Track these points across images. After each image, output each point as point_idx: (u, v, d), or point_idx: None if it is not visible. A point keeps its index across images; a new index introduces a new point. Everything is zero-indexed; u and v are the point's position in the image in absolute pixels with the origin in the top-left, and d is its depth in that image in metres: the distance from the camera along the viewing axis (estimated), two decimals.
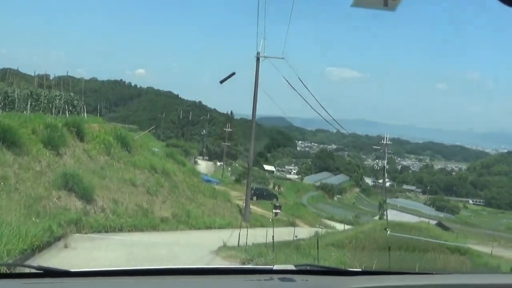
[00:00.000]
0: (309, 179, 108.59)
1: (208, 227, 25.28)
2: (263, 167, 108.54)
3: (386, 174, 58.78)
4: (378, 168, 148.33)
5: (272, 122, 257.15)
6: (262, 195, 51.86)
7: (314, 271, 2.68)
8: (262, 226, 30.69)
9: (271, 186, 74.95)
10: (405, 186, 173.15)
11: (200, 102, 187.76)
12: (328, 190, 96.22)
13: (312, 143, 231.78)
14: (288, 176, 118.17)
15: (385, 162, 55.26)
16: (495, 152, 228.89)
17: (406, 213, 58.67)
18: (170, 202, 25.47)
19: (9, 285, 2.19)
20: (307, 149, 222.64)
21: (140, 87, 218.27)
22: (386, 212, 51.37)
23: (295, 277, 2.41)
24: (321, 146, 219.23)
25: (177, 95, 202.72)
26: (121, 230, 19.18)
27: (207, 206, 28.31)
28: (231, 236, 22.36)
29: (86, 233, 17.06)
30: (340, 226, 44.73)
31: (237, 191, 51.75)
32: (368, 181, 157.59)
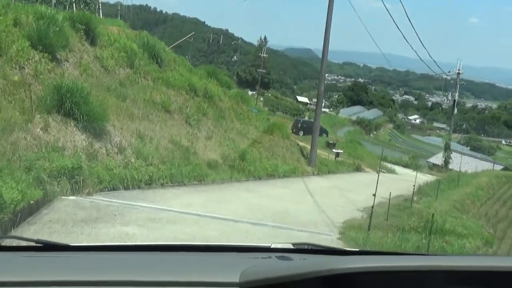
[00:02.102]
0: (344, 113, 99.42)
1: (270, 174, 17.51)
2: (297, 98, 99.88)
3: (453, 110, 48.89)
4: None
5: (298, 53, 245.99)
6: (309, 129, 43.18)
7: (311, 250, 2.51)
8: (330, 172, 22.85)
9: (306, 119, 66.39)
10: (435, 124, 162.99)
11: (227, 30, 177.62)
12: (365, 125, 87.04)
13: (339, 76, 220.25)
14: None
15: (456, 94, 45.89)
16: None
17: (466, 155, 49.82)
18: (217, 138, 17.55)
19: (8, 258, 1.96)
20: (333, 82, 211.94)
21: (166, 12, 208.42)
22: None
23: (293, 255, 2.22)
24: (348, 79, 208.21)
25: (204, 22, 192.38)
26: (149, 184, 11.39)
27: (263, 144, 20.34)
28: (315, 194, 14.58)
29: (88, 193, 9.23)
30: (400, 170, 36.84)
31: None
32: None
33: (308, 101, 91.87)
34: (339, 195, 15.90)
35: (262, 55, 73.37)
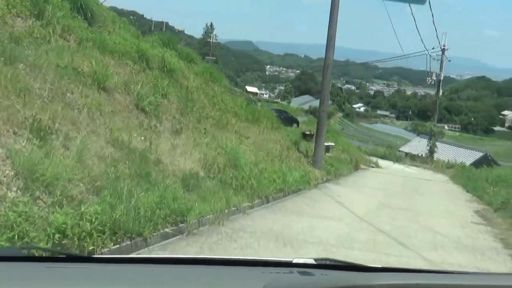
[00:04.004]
0: (295, 102, 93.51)
1: (280, 189, 10.51)
2: (246, 88, 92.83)
3: (438, 93, 42.06)
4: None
5: (239, 46, 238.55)
6: (284, 119, 36.17)
7: (333, 265, 2.34)
8: (338, 174, 16.19)
9: (279, 109, 59.69)
10: (379, 111, 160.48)
11: (167, 22, 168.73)
12: (317, 114, 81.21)
13: (281, 68, 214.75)
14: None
15: (442, 74, 39.69)
16: (459, 78, 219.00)
17: (440, 142, 44.09)
18: (189, 133, 10.36)
19: (32, 268, 1.94)
20: (276, 73, 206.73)
21: (101, 4, 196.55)
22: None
23: (314, 271, 2.12)
24: (289, 70, 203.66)
25: (142, 15, 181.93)
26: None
27: (252, 139, 13.30)
28: (385, 230, 7.83)
29: None
30: (382, 162, 30.71)
31: None
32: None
33: (258, 91, 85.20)
34: (420, 227, 9.22)
35: (211, 40, 65.94)
